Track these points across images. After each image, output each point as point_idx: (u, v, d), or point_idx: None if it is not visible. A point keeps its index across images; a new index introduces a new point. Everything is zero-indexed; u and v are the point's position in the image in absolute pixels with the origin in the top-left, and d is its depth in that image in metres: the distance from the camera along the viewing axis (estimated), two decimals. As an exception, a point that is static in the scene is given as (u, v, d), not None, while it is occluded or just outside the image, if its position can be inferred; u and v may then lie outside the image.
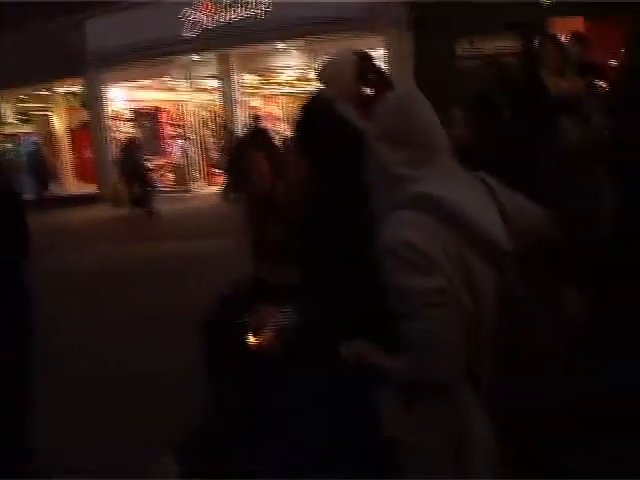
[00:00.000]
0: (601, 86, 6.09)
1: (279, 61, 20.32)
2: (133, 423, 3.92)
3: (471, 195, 2.04)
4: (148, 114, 21.85)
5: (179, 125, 22.18)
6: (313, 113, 3.30)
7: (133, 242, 12.07)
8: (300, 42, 18.82)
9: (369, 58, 4.16)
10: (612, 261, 4.21)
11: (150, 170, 17.30)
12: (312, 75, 19.95)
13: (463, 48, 16.00)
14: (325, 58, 4.14)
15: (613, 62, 7.05)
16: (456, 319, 1.84)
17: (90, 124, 21.83)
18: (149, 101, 22.42)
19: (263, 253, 3.52)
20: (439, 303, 1.83)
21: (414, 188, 1.99)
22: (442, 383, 1.87)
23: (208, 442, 2.92)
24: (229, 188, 17.67)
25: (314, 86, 18.12)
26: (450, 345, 1.83)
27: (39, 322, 3.22)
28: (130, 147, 16.46)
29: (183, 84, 21.70)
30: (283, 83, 23.30)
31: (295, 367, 2.42)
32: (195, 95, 22.39)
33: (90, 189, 21.53)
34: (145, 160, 17.02)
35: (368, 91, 4.12)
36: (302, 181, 2.69)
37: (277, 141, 3.85)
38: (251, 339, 2.74)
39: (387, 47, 16.41)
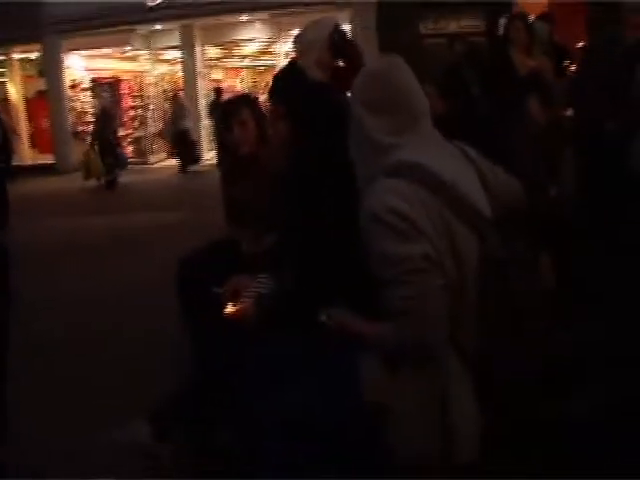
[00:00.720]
0: (568, 67, 6.19)
1: (243, 34, 20.10)
2: (105, 396, 3.90)
3: (453, 163, 2.08)
4: (108, 84, 21.42)
5: (139, 96, 21.82)
6: (288, 79, 3.32)
7: (93, 214, 11.91)
8: (264, 15, 18.65)
9: (341, 30, 4.19)
10: (575, 235, 4.34)
11: (121, 141, 17.09)
12: (276, 48, 19.86)
13: (427, 27, 16.04)
14: (301, 29, 4.17)
15: (580, 44, 7.17)
16: (440, 284, 1.88)
17: (47, 93, 21.33)
18: (109, 71, 21.98)
19: (241, 218, 3.52)
20: (424, 269, 1.86)
21: (398, 155, 2.02)
22: (426, 349, 1.91)
23: (184, 406, 2.95)
24: (183, 160, 17.68)
25: (277, 60, 17.94)
26: (434, 310, 1.87)
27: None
28: (102, 117, 16.14)
29: (144, 54, 21.35)
30: (246, 56, 23.10)
31: (273, 335, 2.43)
32: (156, 66, 22.04)
33: (47, 159, 21.11)
34: (117, 131, 16.77)
35: (340, 63, 4.16)
36: (284, 145, 2.70)
37: (261, 106, 3.81)
38: (228, 308, 2.74)
39: (352, 22, 16.35)
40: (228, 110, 3.65)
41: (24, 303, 3.30)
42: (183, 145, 17.85)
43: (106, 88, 21.18)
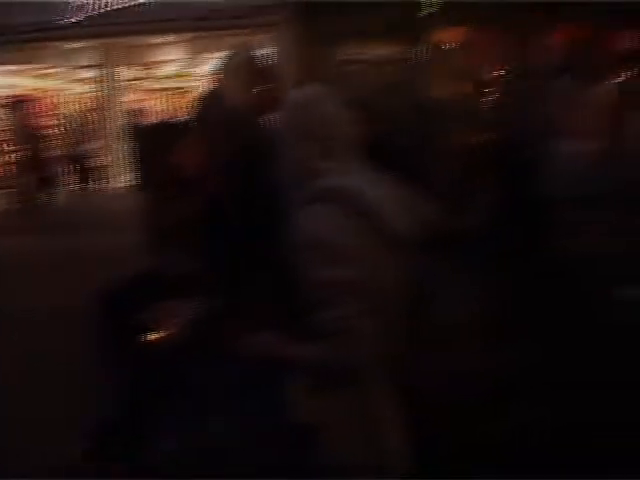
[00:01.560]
0: (488, 93, 6.41)
1: (163, 55, 19.97)
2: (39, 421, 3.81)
3: (380, 188, 2.14)
4: (24, 102, 20.82)
5: (56, 115, 21.33)
6: (208, 104, 3.34)
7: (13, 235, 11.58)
8: (185, 37, 18.58)
9: (259, 55, 4.25)
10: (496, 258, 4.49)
11: (55, 161, 16.76)
12: (196, 70, 19.79)
13: (347, 52, 16.30)
14: (224, 53, 4.20)
15: (498, 69, 7.43)
16: (369, 307, 1.93)
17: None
18: (24, 88, 21.39)
19: (168, 243, 3.50)
20: (354, 291, 1.91)
21: (327, 181, 2.07)
22: (355, 369, 1.95)
23: (120, 431, 2.90)
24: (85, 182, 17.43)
25: (197, 81, 17.85)
26: (363, 332, 1.91)
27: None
28: (26, 136, 15.76)
29: (62, 72, 20.94)
30: (165, 77, 22.89)
31: (201, 359, 2.43)
32: (73, 85, 21.63)
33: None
34: (42, 150, 16.40)
35: (260, 87, 4.22)
36: (214, 169, 2.72)
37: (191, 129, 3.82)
38: (156, 334, 2.71)
39: (274, 46, 16.45)
40: (168, 133, 3.64)
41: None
42: (84, 167, 17.72)
43: (22, 106, 20.58)
